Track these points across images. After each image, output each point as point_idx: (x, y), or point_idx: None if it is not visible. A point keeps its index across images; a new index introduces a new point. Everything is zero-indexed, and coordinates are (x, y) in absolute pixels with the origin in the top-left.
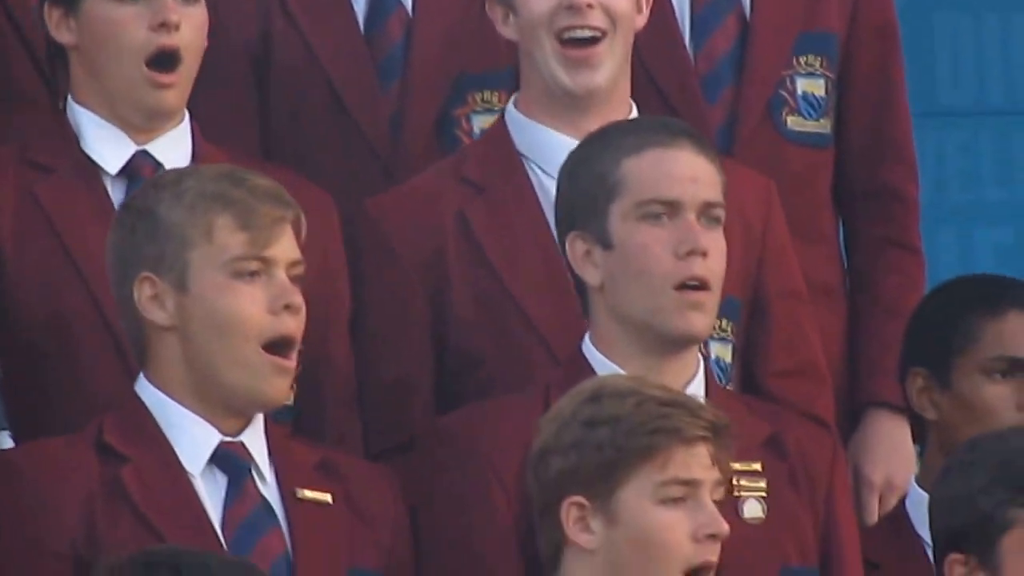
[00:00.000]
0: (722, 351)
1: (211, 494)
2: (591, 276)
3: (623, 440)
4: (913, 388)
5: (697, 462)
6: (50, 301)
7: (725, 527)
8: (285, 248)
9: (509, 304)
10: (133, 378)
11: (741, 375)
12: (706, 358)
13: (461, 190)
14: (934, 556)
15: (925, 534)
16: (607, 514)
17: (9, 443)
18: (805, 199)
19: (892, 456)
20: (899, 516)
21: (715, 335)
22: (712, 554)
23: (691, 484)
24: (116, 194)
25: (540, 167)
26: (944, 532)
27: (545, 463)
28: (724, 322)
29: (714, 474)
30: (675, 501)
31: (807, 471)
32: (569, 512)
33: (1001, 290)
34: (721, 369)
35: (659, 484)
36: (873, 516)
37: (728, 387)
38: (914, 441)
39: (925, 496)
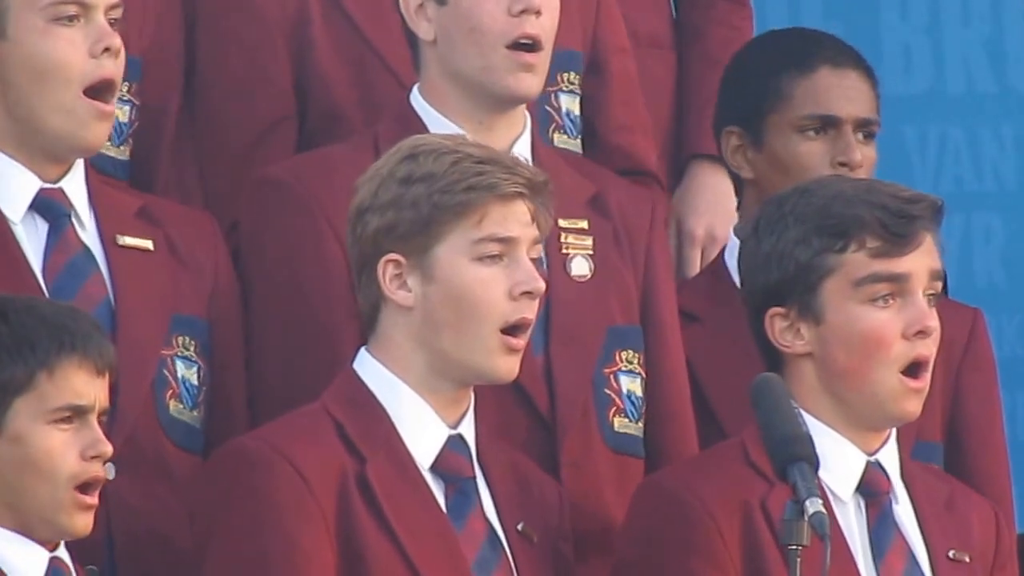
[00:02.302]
0: (571, 104)
1: (31, 240)
2: (424, 30)
3: (439, 197)
4: (728, 147)
5: (514, 219)
6: None
7: (541, 284)
8: None
9: (374, 59)
10: None
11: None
12: (558, 110)
13: None
14: (749, 314)
15: None
16: (423, 271)
17: None
18: None
19: (715, 209)
20: (719, 269)
21: (564, 88)
22: (529, 311)
23: (507, 241)
24: None
25: None
26: (761, 288)
27: (363, 221)
28: (572, 75)
29: (532, 232)
30: (491, 258)
31: (628, 231)
32: (386, 269)
33: (812, 47)
34: (571, 122)
35: (475, 241)
36: (695, 268)
37: (578, 140)
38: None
39: None
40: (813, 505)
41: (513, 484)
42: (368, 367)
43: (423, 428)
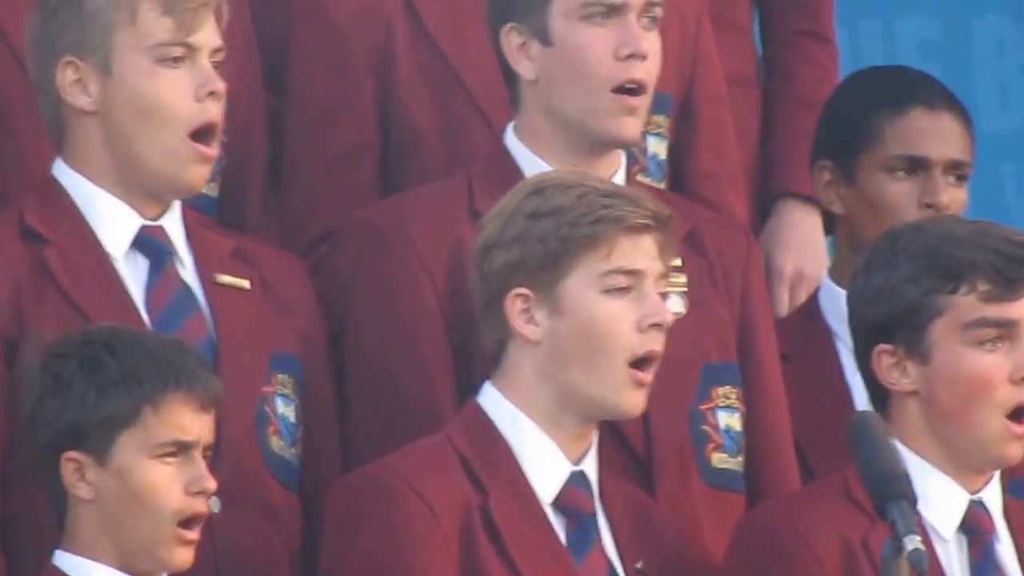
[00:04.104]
0: (658, 147)
1: (133, 277)
2: (526, 70)
3: (566, 230)
4: (820, 181)
5: (641, 252)
6: None
7: (670, 316)
8: (209, 34)
9: (457, 89)
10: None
11: (670, 173)
12: (643, 152)
13: None
14: (856, 350)
15: (836, 326)
16: (552, 305)
17: None
18: None
19: (803, 247)
20: (811, 308)
21: (652, 131)
22: (657, 343)
23: (635, 274)
24: None
25: None
26: (868, 325)
27: (489, 257)
28: (661, 118)
29: (658, 265)
30: (619, 291)
31: (723, 268)
32: (514, 304)
33: (906, 87)
34: (657, 165)
35: (603, 273)
36: (783, 307)
37: (662, 183)
38: (827, 233)
39: (837, 289)
40: (911, 543)
41: (633, 522)
42: (492, 401)
43: (546, 463)
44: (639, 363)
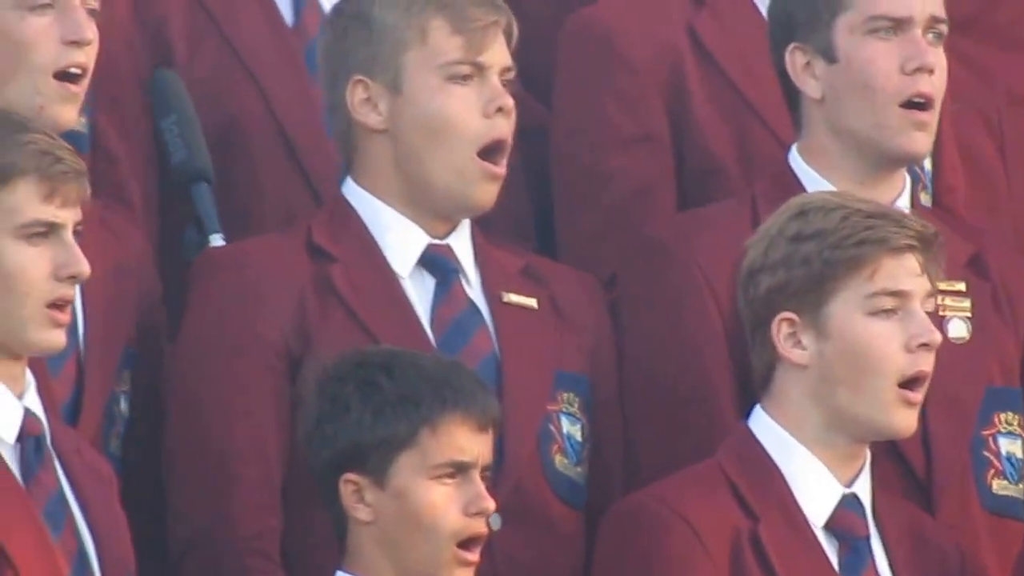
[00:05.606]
0: (927, 161)
1: (419, 295)
2: (811, 88)
3: (830, 253)
4: None
5: (905, 272)
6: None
7: (938, 336)
8: (498, 53)
9: (750, 114)
10: (305, 179)
11: None
12: (921, 168)
13: (684, 2)
14: None
15: None
16: (818, 328)
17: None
18: (1010, 5)
19: None
20: None
21: None
22: (926, 364)
23: (900, 295)
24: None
25: None
26: None
27: (754, 282)
28: None
29: (924, 284)
30: (886, 312)
31: (1007, 292)
32: (780, 328)
33: None
34: (929, 180)
35: (868, 295)
36: None
37: (928, 197)
38: None
39: None
40: None
41: (910, 542)
42: (762, 425)
43: (816, 486)
44: (909, 383)
